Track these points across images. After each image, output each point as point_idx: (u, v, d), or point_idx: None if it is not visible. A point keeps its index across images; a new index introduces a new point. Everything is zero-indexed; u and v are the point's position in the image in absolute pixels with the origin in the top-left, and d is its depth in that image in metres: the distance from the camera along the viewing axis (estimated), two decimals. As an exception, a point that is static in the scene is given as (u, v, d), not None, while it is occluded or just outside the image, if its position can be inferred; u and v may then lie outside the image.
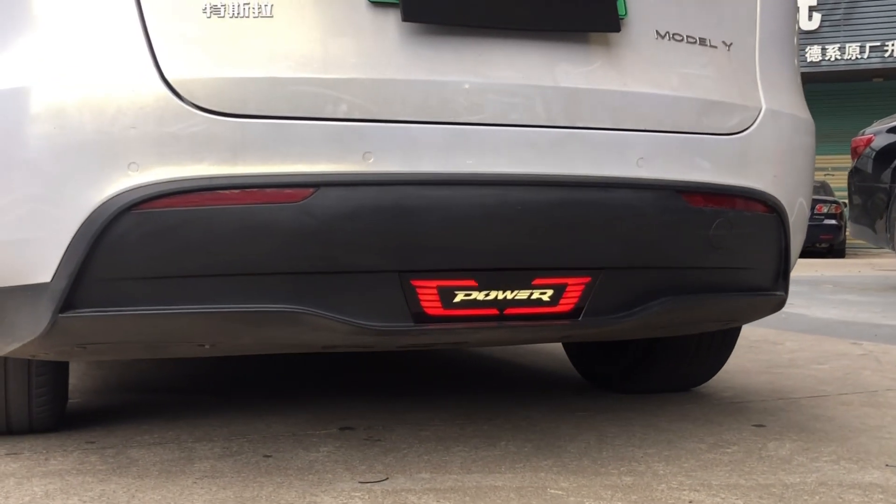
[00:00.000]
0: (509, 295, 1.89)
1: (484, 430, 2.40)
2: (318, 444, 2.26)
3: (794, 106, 2.25)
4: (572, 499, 1.82)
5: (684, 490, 1.88)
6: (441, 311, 1.87)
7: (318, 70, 1.76)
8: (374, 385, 3.15)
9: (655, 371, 2.85)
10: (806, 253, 15.17)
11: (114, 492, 1.87)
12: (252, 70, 1.73)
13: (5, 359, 2.16)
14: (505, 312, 1.91)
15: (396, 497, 1.83)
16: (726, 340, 2.79)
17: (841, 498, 1.83)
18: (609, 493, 1.86)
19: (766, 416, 2.61)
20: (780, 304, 2.30)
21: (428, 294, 1.84)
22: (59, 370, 2.28)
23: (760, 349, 4.06)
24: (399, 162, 1.78)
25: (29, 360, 2.17)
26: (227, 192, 1.72)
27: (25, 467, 2.05)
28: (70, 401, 2.80)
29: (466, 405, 2.73)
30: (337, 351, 2.11)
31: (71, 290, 1.74)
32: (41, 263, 1.75)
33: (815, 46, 20.86)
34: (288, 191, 1.74)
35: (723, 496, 1.83)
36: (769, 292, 2.24)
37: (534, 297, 1.91)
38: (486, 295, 1.88)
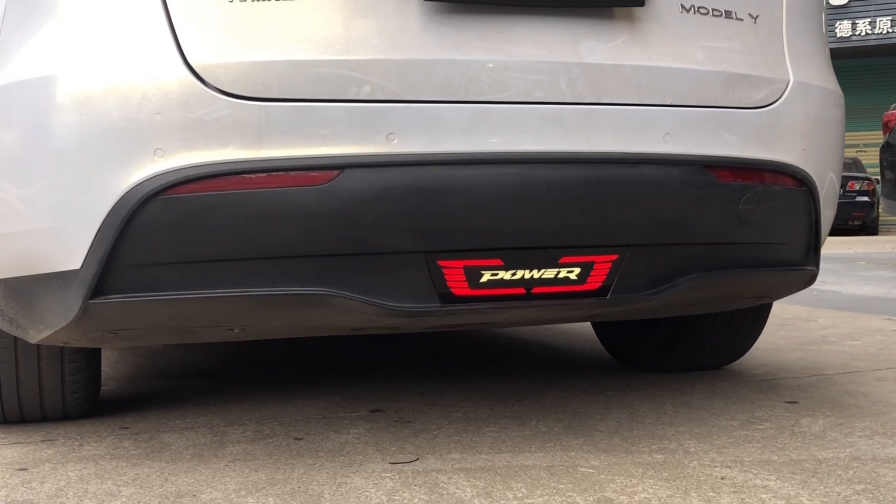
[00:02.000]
0: (536, 274, 1.89)
1: (514, 411, 2.40)
2: (348, 427, 2.26)
3: (823, 78, 2.22)
4: (603, 476, 1.82)
5: (716, 467, 1.87)
6: (468, 292, 1.86)
7: (340, 52, 1.76)
8: (404, 367, 3.16)
9: (686, 349, 2.83)
10: (838, 231, 15.04)
11: (147, 475, 1.89)
12: (275, 53, 1.73)
13: (38, 346, 2.19)
14: (532, 292, 1.91)
15: (427, 477, 1.83)
16: (757, 317, 2.77)
17: (875, 472, 1.81)
18: (640, 470, 1.85)
19: (799, 392, 2.59)
20: (811, 279, 2.28)
21: (454, 274, 1.84)
22: (91, 357, 2.30)
23: (793, 326, 4.02)
24: (423, 142, 1.78)
25: (62, 347, 2.20)
26: (252, 175, 1.72)
27: (60, 453, 2.08)
28: (103, 388, 2.83)
29: (496, 386, 2.73)
30: (365, 333, 2.12)
31: (100, 276, 1.75)
32: (70, 251, 1.77)
33: (846, 21, 20.59)
34: (313, 173, 1.74)
35: (755, 472, 1.82)
36: (800, 267, 2.22)
37: (561, 275, 1.91)
38: (513, 274, 1.88)
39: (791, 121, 2.10)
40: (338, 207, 1.74)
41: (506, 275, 1.87)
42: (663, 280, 2.01)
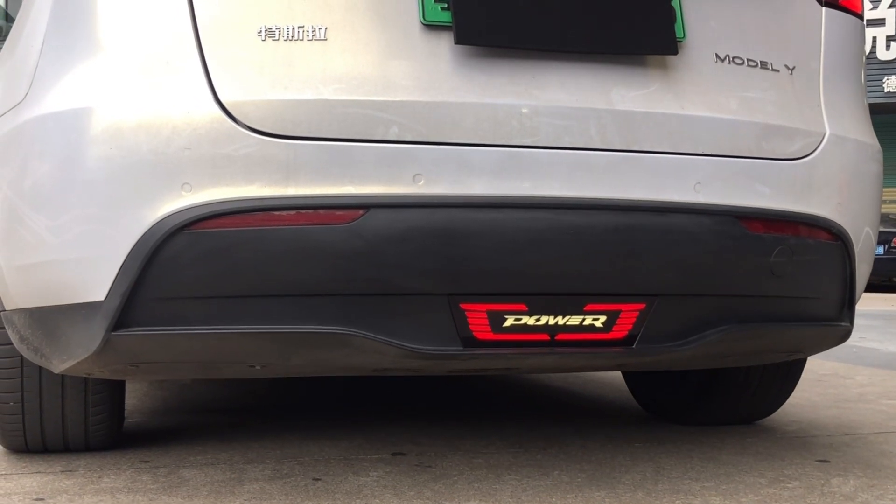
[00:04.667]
0: (561, 320, 1.86)
1: (537, 459, 2.36)
2: (368, 469, 2.24)
3: (860, 132, 2.19)
4: (623, 531, 1.78)
5: (740, 525, 1.82)
6: (490, 336, 1.84)
7: (370, 92, 1.76)
8: (429, 410, 3.13)
9: (716, 403, 2.78)
10: (882, 287, 14.78)
11: (162, 511, 1.88)
12: (305, 92, 1.74)
13: (62, 376, 2.19)
14: (556, 338, 1.88)
15: (443, 524, 1.80)
16: (791, 373, 2.72)
17: (906, 538, 1.75)
18: (662, 526, 1.81)
19: (831, 451, 2.52)
20: (845, 336, 2.23)
21: (477, 318, 1.82)
22: (115, 389, 2.30)
23: (829, 383, 3.94)
24: (449, 184, 1.77)
25: (85, 378, 2.20)
26: (278, 213, 1.73)
27: (78, 484, 2.07)
28: (129, 420, 2.84)
29: (521, 433, 2.69)
30: (387, 374, 2.10)
31: (124, 308, 1.76)
32: (95, 282, 1.78)
33: (893, 77, 20.41)
34: (338, 212, 1.74)
35: (780, 533, 1.77)
36: (833, 322, 2.18)
37: (586, 322, 1.88)
38: (537, 320, 1.85)
39: (826, 174, 2.07)
40: (362, 247, 1.74)
41: (530, 320, 1.85)
42: (691, 331, 1.97)
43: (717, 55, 1.98)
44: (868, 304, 10.18)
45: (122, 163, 1.73)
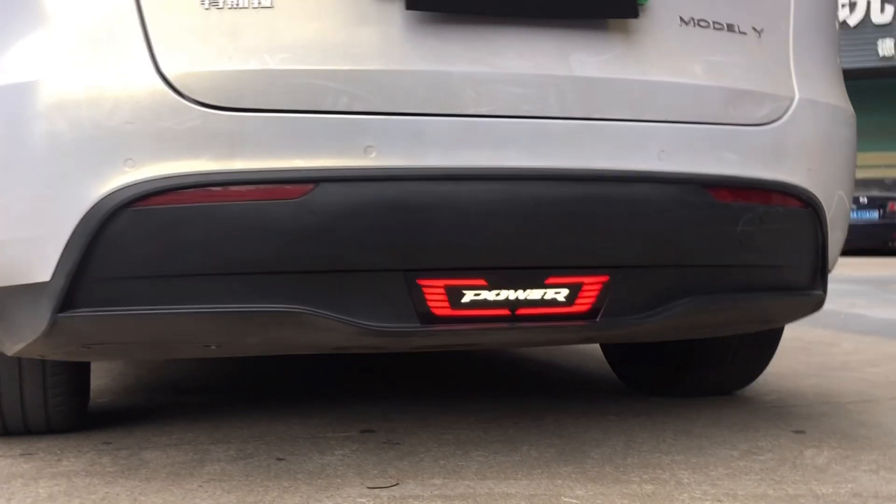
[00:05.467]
0: (521, 294, 1.82)
1: (508, 435, 2.32)
2: (334, 448, 2.20)
3: (832, 95, 2.13)
4: (586, 508, 1.74)
5: (706, 500, 1.78)
6: (449, 312, 1.79)
7: (318, 61, 1.70)
8: (405, 385, 3.09)
9: (694, 373, 2.74)
10: (877, 252, 14.75)
11: (117, 494, 1.84)
12: (250, 63, 1.68)
13: (19, 359, 2.14)
14: (517, 313, 1.83)
15: (401, 503, 1.77)
16: (768, 342, 2.67)
17: (874, 511, 1.71)
18: (626, 501, 1.77)
19: (808, 421, 2.49)
20: (818, 305, 2.19)
21: (435, 294, 1.77)
22: (75, 370, 2.25)
23: (813, 351, 3.91)
24: (403, 156, 1.71)
25: (43, 360, 2.15)
26: (223, 188, 1.67)
27: (36, 468, 2.03)
28: (98, 400, 2.80)
29: (495, 407, 2.65)
30: (349, 352, 2.05)
31: (69, 289, 1.71)
32: (41, 262, 1.72)
33: (888, 39, 20.27)
34: (287, 187, 1.68)
35: (747, 507, 1.74)
36: (806, 292, 2.13)
37: (547, 296, 1.83)
38: (497, 294, 1.80)
39: (796, 139, 2.01)
40: (312, 223, 1.69)
41: (489, 295, 1.80)
42: (658, 303, 1.92)
43: (681, 18, 1.92)
44: (860, 269, 10.16)
45: (64, 138, 1.68)
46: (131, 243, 1.68)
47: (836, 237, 2.17)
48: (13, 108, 1.72)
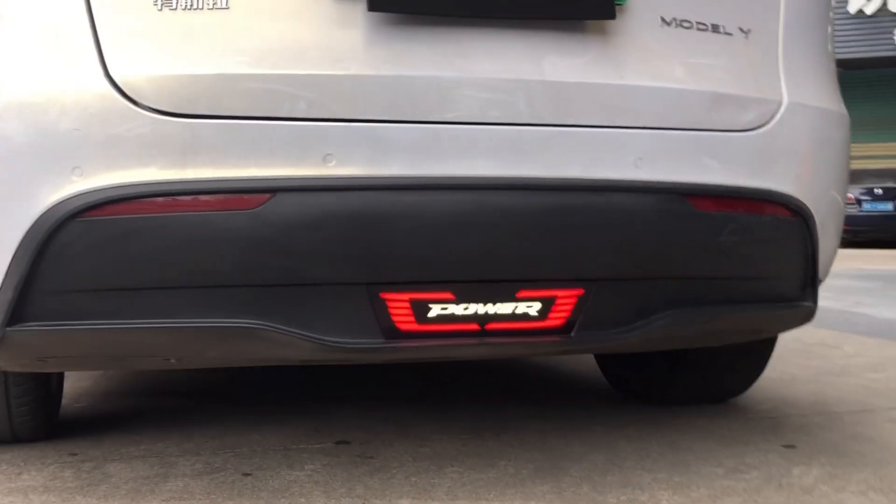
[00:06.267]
0: (491, 309, 1.74)
1: (488, 447, 2.24)
2: (305, 461, 2.13)
3: (824, 98, 2.03)
4: (555, 534, 1.66)
5: (683, 526, 1.70)
6: (415, 327, 1.72)
7: (275, 66, 1.62)
8: (387, 394, 3.01)
9: (685, 381, 2.66)
10: (892, 244, 14.55)
11: (71, 514, 1.77)
12: (203, 66, 1.60)
13: (-20, 369, 2.08)
14: (486, 328, 1.75)
15: (364, 528, 1.69)
16: (762, 350, 2.58)
17: (857, 540, 1.63)
18: (598, 527, 1.69)
19: (801, 434, 2.40)
20: (808, 316, 2.10)
21: (399, 308, 1.70)
22: (40, 380, 2.19)
23: (814, 353, 3.81)
24: (363, 165, 1.63)
25: (4, 371, 2.08)
26: (175, 198, 1.60)
27: (-6, 483, 1.97)
28: (75, 405, 2.74)
29: (479, 416, 2.57)
30: (315, 364, 1.98)
31: (17, 302, 1.64)
32: (-12, 274, 1.65)
33: (902, 29, 20.01)
34: (242, 196, 1.60)
35: (724, 534, 1.65)
36: (794, 303, 2.04)
37: (519, 311, 1.75)
38: (465, 309, 1.73)
39: (783, 145, 1.92)
40: (269, 234, 1.61)
41: (457, 309, 1.72)
42: (636, 317, 1.84)
43: (662, 18, 1.83)
44: (870, 263, 10.02)
45: (9, 145, 1.60)
46: (80, 255, 1.61)
47: (827, 245, 2.08)
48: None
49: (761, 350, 2.59)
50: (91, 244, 1.60)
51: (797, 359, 3.66)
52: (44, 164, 1.60)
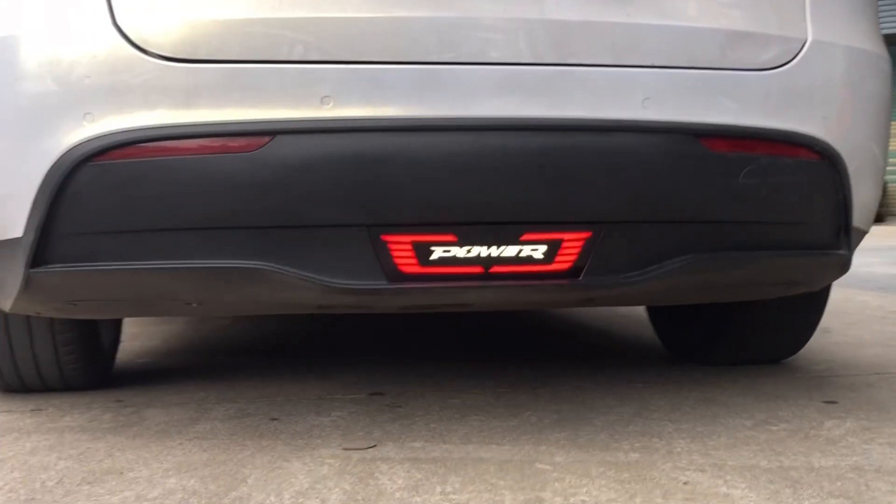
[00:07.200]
0: (495, 251, 1.73)
1: (519, 400, 2.24)
2: (333, 409, 2.17)
3: (856, 37, 1.95)
4: (554, 475, 1.65)
5: (689, 470, 1.67)
6: (418, 269, 1.73)
7: (273, 9, 1.65)
8: (434, 354, 3.03)
9: (733, 341, 2.60)
10: None
11: (97, 450, 1.85)
12: (204, 13, 1.65)
13: (28, 317, 2.18)
14: (490, 271, 1.75)
15: (367, 466, 1.72)
16: (810, 307, 2.51)
17: (866, 486, 1.57)
18: (600, 469, 1.68)
19: (846, 391, 2.32)
20: (843, 265, 2.02)
21: (401, 250, 1.71)
22: (85, 329, 2.28)
23: (890, 320, 3.66)
24: (361, 107, 1.65)
25: (52, 318, 2.18)
26: (178, 141, 1.64)
27: (36, 423, 2.07)
28: (138, 360, 2.85)
29: (520, 373, 2.57)
30: (332, 312, 2.01)
31: (39, 244, 1.71)
32: (14, 218, 1.73)
33: None
34: (242, 139, 1.64)
35: (728, 478, 1.62)
36: (826, 251, 1.97)
37: (523, 254, 1.74)
38: (468, 251, 1.73)
39: (808, 85, 1.85)
40: (269, 176, 1.64)
41: (460, 252, 1.73)
42: (648, 262, 1.81)
43: (673, -47, 1.78)
44: None
45: (27, 93, 1.68)
46: (92, 198, 1.67)
47: (863, 193, 1.99)
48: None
49: (809, 308, 2.51)
50: (102, 187, 1.67)
51: (874, 325, 3.53)
52: (59, 111, 1.66)
